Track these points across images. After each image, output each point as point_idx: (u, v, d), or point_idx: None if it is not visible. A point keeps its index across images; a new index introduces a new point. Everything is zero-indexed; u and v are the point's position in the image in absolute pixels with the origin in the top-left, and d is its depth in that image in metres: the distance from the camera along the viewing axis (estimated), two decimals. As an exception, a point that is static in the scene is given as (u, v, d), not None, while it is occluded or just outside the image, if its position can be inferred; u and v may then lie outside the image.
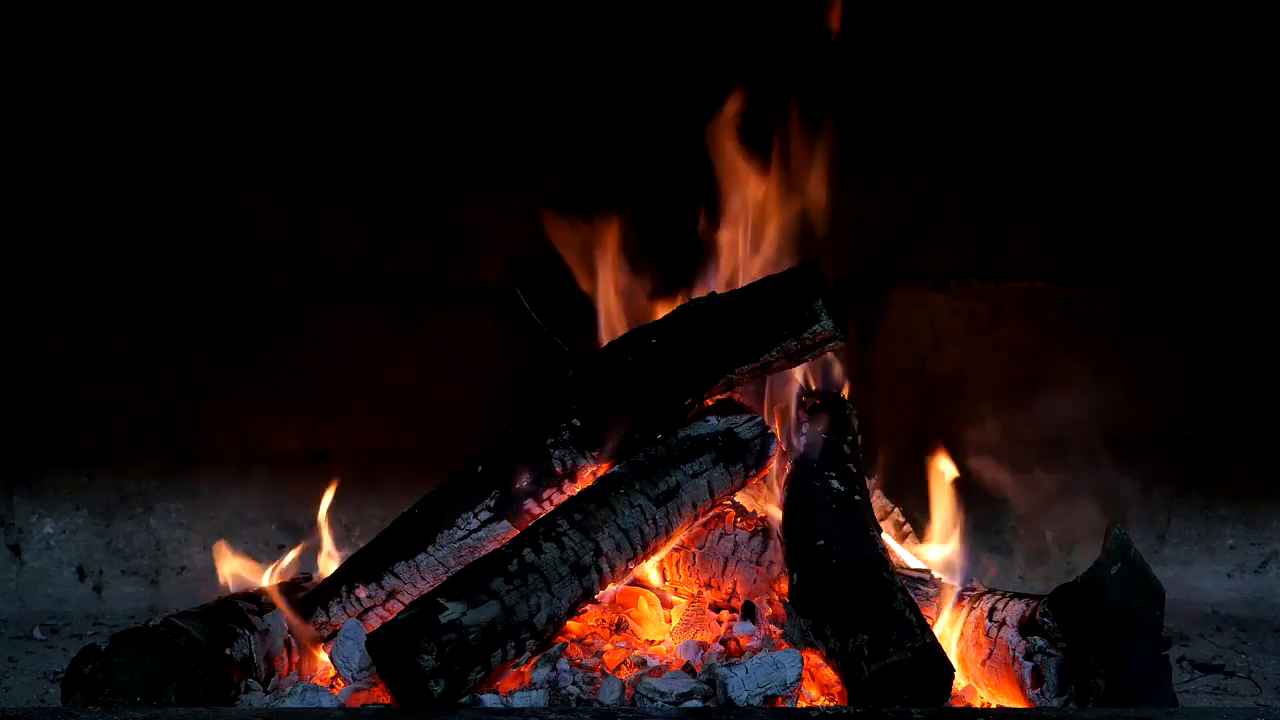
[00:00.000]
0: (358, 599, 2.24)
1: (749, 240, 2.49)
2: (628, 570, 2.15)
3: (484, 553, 2.11)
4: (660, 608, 2.27)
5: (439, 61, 3.06)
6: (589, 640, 2.16)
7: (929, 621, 1.96)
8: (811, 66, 2.99)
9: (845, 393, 2.53)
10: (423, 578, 2.21)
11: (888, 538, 2.38)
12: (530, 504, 2.24)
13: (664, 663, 2.09)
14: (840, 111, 3.04)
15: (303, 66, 3.04)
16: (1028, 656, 1.93)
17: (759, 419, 2.28)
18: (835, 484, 2.22)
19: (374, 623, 2.16)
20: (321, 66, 3.05)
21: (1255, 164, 3.12)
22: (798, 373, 2.45)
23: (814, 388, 2.51)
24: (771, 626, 2.18)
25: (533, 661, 2.00)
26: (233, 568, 2.32)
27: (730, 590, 2.29)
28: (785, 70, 2.92)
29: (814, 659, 2.01)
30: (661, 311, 2.36)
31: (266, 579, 2.34)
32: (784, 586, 2.18)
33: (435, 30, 3.04)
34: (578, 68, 3.04)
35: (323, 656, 2.21)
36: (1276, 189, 3.13)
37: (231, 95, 3.05)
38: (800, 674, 1.92)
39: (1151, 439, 3.22)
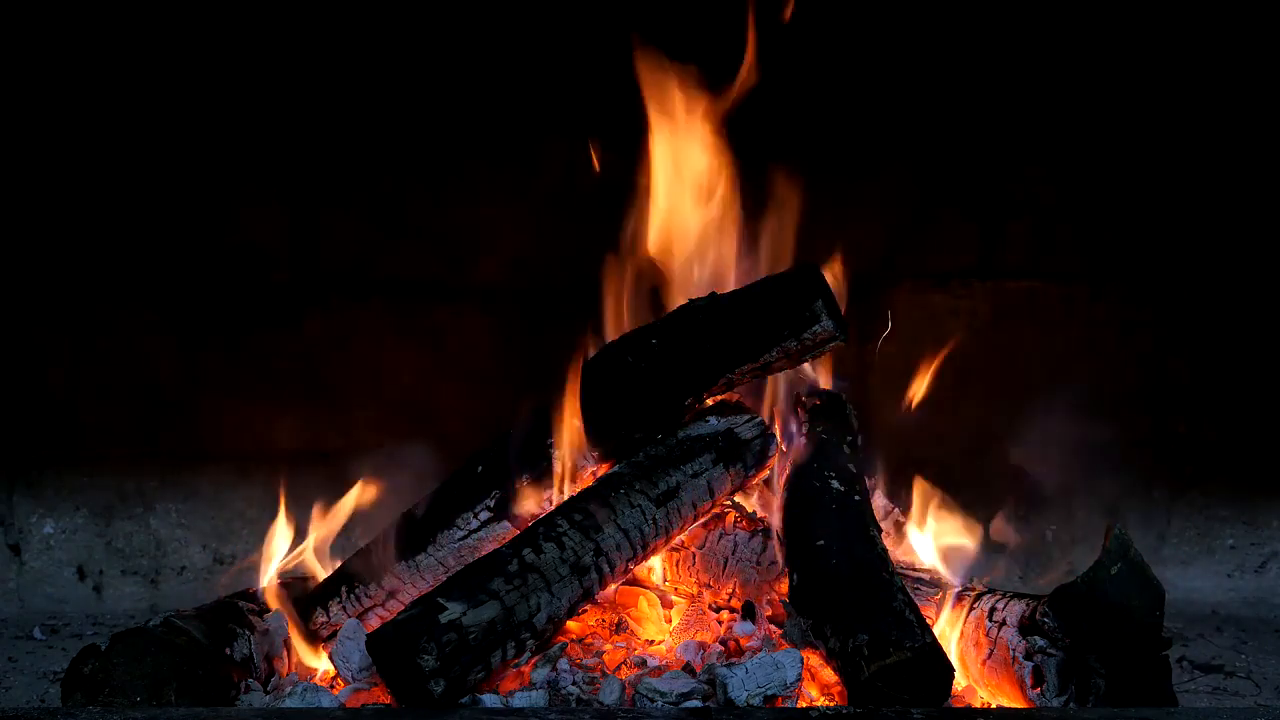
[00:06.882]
0: (357, 599, 2.24)
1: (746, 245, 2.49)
2: (628, 570, 2.15)
3: (484, 553, 2.11)
4: (660, 608, 2.27)
5: (439, 63, 3.06)
6: (589, 640, 2.16)
7: (929, 621, 1.96)
8: (813, 67, 2.99)
9: (844, 393, 2.53)
10: (423, 578, 2.21)
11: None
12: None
13: (664, 663, 2.09)
14: (841, 112, 3.05)
15: (303, 68, 3.04)
16: (1028, 656, 1.93)
17: (759, 419, 2.29)
18: (835, 484, 2.21)
19: (374, 623, 2.16)
20: (321, 68, 3.05)
21: (1253, 166, 3.12)
22: (797, 373, 2.45)
23: (814, 388, 2.51)
24: (771, 626, 2.18)
25: (533, 661, 2.00)
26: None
27: (730, 590, 2.29)
28: (787, 70, 2.92)
29: (814, 659, 2.01)
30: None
31: (266, 579, 2.33)
32: (784, 586, 2.18)
33: (435, 31, 3.04)
34: (578, 68, 3.04)
35: (322, 657, 2.21)
36: (1275, 190, 3.13)
37: (231, 97, 3.05)
38: (800, 674, 1.92)
39: (1151, 439, 3.22)
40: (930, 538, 2.37)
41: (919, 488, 2.42)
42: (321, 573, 2.36)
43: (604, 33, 3.01)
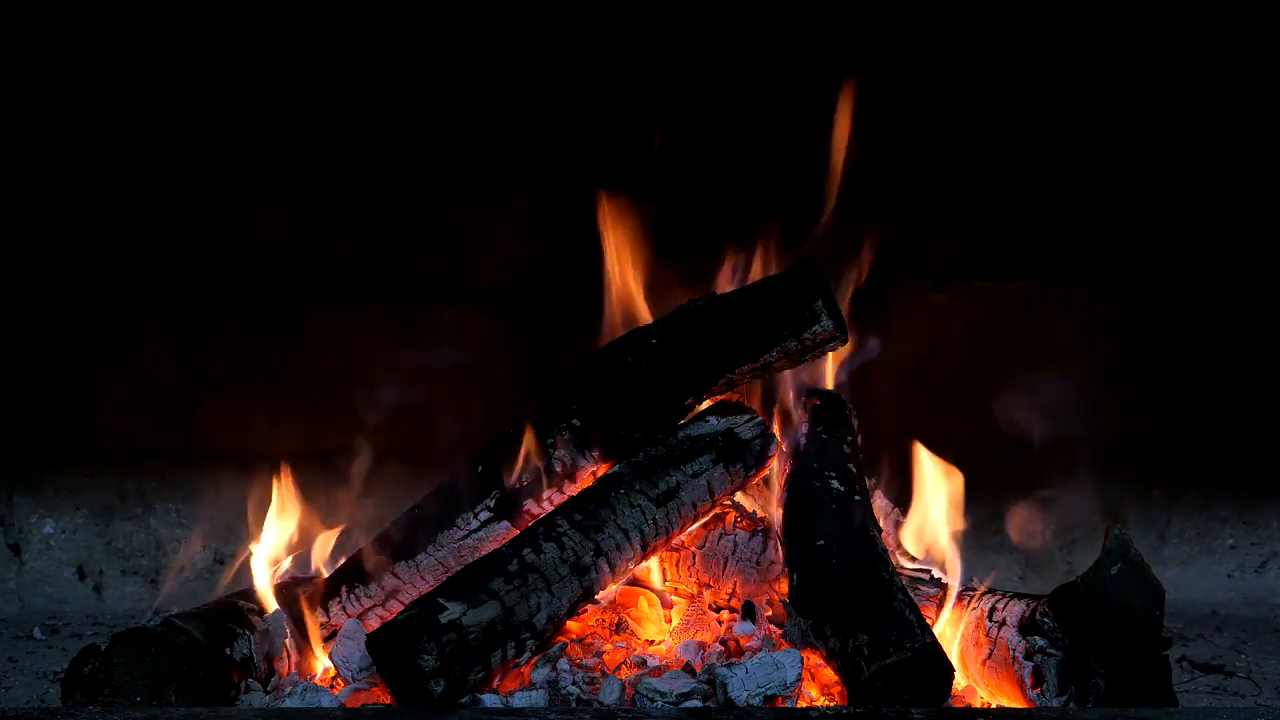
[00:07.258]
0: (357, 599, 2.24)
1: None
2: (628, 570, 2.15)
3: (484, 553, 2.11)
4: (660, 608, 2.27)
5: (438, 63, 3.06)
6: (589, 640, 2.16)
7: (929, 621, 1.96)
8: (815, 68, 2.99)
9: (845, 393, 2.53)
10: (423, 578, 2.21)
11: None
12: (530, 504, 2.24)
13: (664, 663, 2.09)
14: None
15: (303, 69, 3.04)
16: (1028, 656, 1.93)
17: (759, 419, 2.28)
18: (835, 484, 2.22)
19: (374, 623, 2.16)
20: (322, 70, 3.04)
21: (1253, 169, 3.12)
22: (798, 373, 2.45)
23: (814, 388, 2.51)
24: (771, 626, 2.18)
25: (533, 661, 2.00)
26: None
27: (730, 590, 2.29)
28: (789, 67, 2.92)
29: (814, 659, 2.01)
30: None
31: (267, 579, 2.33)
32: (784, 586, 2.18)
33: (434, 32, 3.04)
34: (576, 69, 3.04)
35: (323, 657, 2.21)
36: (1272, 191, 3.13)
37: (232, 97, 3.05)
38: (800, 674, 1.92)
39: (1151, 439, 3.22)
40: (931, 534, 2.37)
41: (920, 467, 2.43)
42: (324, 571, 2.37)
43: (606, 31, 3.02)
